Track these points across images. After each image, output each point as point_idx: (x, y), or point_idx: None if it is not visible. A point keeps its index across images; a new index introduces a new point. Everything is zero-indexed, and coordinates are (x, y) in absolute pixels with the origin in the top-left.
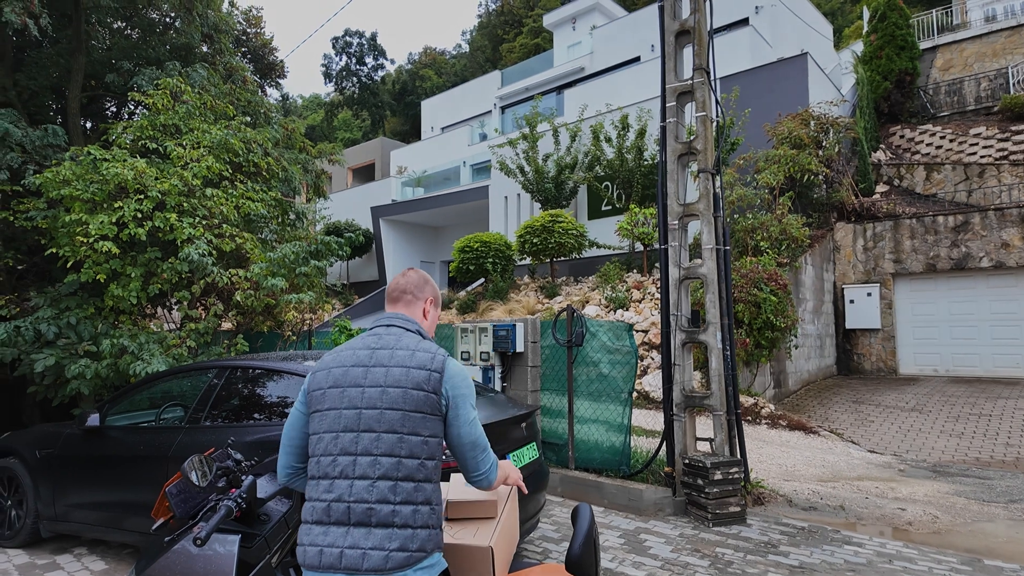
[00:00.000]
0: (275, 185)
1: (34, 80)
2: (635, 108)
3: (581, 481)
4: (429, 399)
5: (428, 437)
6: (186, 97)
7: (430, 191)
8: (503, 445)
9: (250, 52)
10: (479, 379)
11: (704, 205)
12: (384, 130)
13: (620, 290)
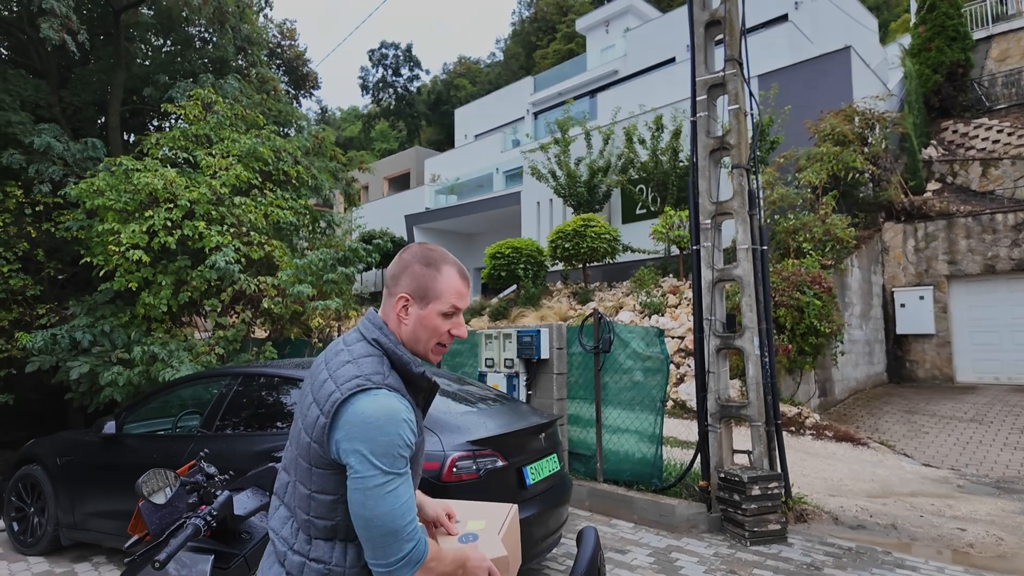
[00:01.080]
0: (305, 193)
1: (78, 96)
2: (669, 109)
3: (609, 495)
4: (312, 450)
5: (315, 493)
6: (217, 108)
7: (463, 198)
8: (520, 456)
9: (284, 64)
10: (503, 387)
11: (739, 203)
12: (420, 140)
13: (655, 295)
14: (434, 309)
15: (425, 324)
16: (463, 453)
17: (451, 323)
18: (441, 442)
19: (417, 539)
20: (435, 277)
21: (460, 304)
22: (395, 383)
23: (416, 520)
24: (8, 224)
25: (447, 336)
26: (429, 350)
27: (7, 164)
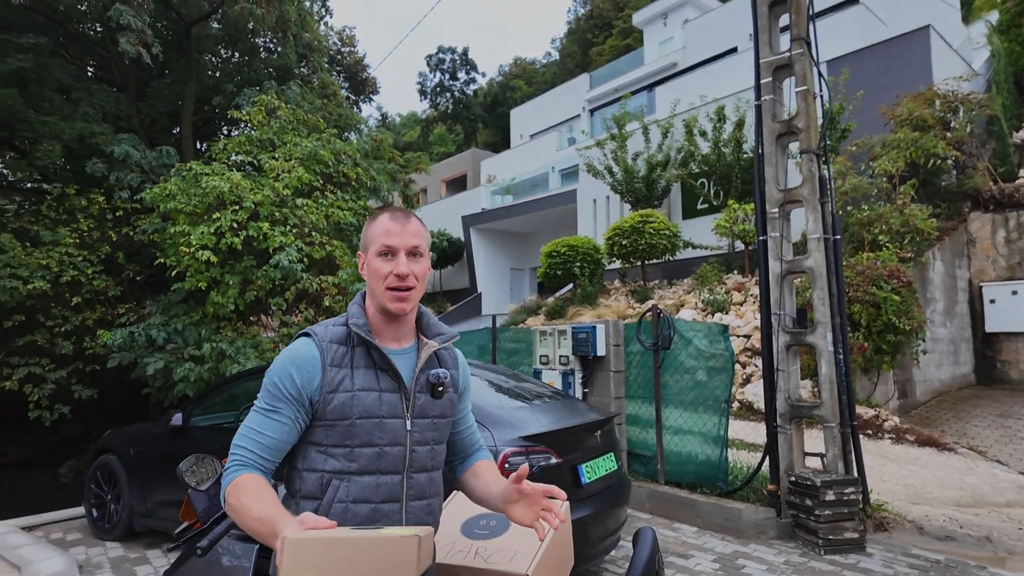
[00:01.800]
0: (364, 195)
1: (154, 108)
2: (732, 99)
3: (671, 497)
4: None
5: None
6: (280, 113)
7: (519, 198)
8: (576, 454)
9: (344, 70)
10: (559, 384)
11: (808, 190)
12: (476, 142)
13: (718, 292)
14: (372, 253)
15: (370, 271)
16: (515, 449)
17: (392, 264)
18: (493, 437)
19: (232, 463)
20: (370, 224)
21: (391, 241)
22: (329, 332)
23: (248, 451)
24: (92, 229)
25: (393, 279)
26: (384, 297)
27: (91, 172)
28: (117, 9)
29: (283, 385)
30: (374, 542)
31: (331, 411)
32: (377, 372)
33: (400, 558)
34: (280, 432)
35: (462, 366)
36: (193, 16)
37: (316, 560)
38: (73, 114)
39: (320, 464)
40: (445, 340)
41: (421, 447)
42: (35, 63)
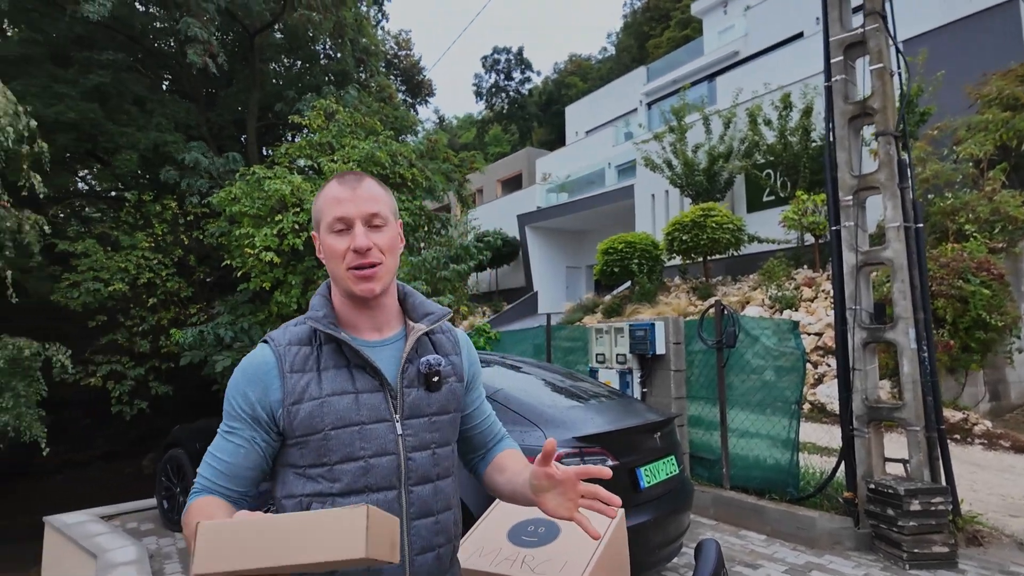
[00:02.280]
0: (419, 195)
1: (221, 116)
2: (799, 86)
3: (737, 503)
4: None
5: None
6: (339, 116)
7: (574, 195)
8: (633, 456)
9: (400, 73)
10: (615, 384)
11: (886, 175)
12: (531, 141)
13: (787, 288)
14: (324, 230)
15: (326, 252)
16: (569, 450)
17: (348, 238)
18: (545, 437)
19: (192, 492)
20: (318, 197)
21: (342, 211)
22: (288, 333)
23: (204, 479)
24: (166, 233)
25: (352, 256)
26: (346, 280)
27: (164, 179)
28: (185, 21)
29: (235, 402)
30: (306, 518)
31: (299, 425)
32: (352, 371)
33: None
34: (236, 455)
35: (466, 349)
36: (256, 26)
37: (234, 545)
38: (148, 125)
39: (298, 488)
40: (434, 320)
41: (418, 453)
42: (114, 78)
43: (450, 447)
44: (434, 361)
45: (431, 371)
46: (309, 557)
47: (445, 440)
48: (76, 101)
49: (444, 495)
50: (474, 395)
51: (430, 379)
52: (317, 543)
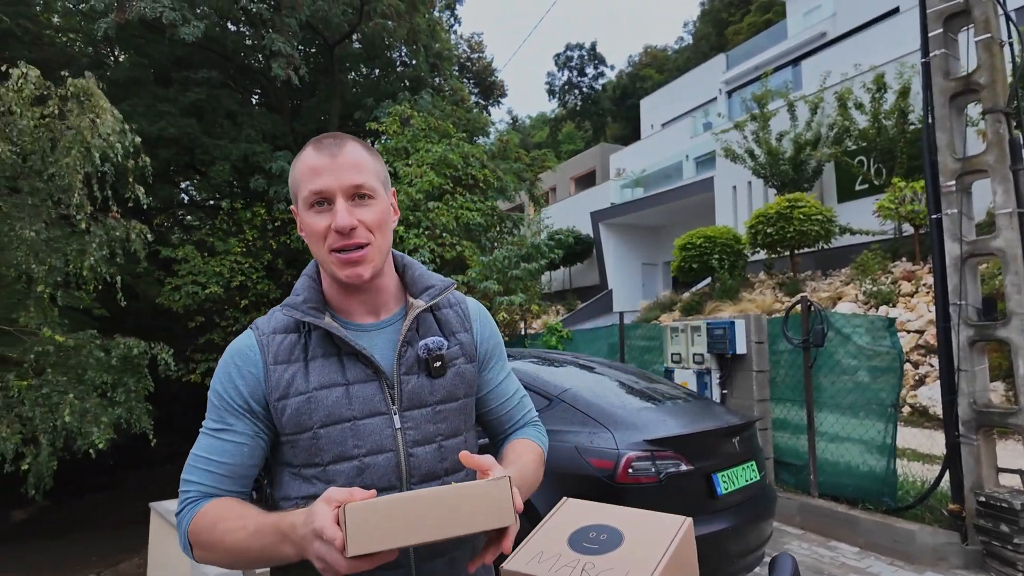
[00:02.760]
0: (491, 195)
1: (305, 126)
2: (893, 66)
3: (827, 512)
4: None
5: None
6: (413, 121)
7: (649, 190)
8: (710, 461)
9: (473, 76)
10: (693, 385)
11: (995, 156)
12: (605, 137)
13: (883, 283)
14: (302, 205)
15: (305, 229)
16: (640, 453)
17: (328, 216)
18: (615, 439)
19: (184, 503)
20: (294, 166)
21: (319, 183)
22: (272, 320)
23: (200, 485)
24: (256, 239)
25: (334, 237)
26: (330, 263)
27: (254, 188)
28: (270, 37)
29: (227, 394)
30: (454, 492)
31: (287, 423)
32: (342, 360)
33: (494, 503)
34: (236, 455)
35: (478, 324)
36: (335, 37)
37: (384, 524)
38: (239, 137)
39: (294, 490)
40: (435, 295)
41: (421, 448)
42: (208, 95)
43: (460, 438)
44: (433, 344)
45: (432, 355)
46: (461, 529)
47: (454, 431)
48: (176, 118)
49: None
50: (491, 374)
51: (431, 364)
52: (467, 516)
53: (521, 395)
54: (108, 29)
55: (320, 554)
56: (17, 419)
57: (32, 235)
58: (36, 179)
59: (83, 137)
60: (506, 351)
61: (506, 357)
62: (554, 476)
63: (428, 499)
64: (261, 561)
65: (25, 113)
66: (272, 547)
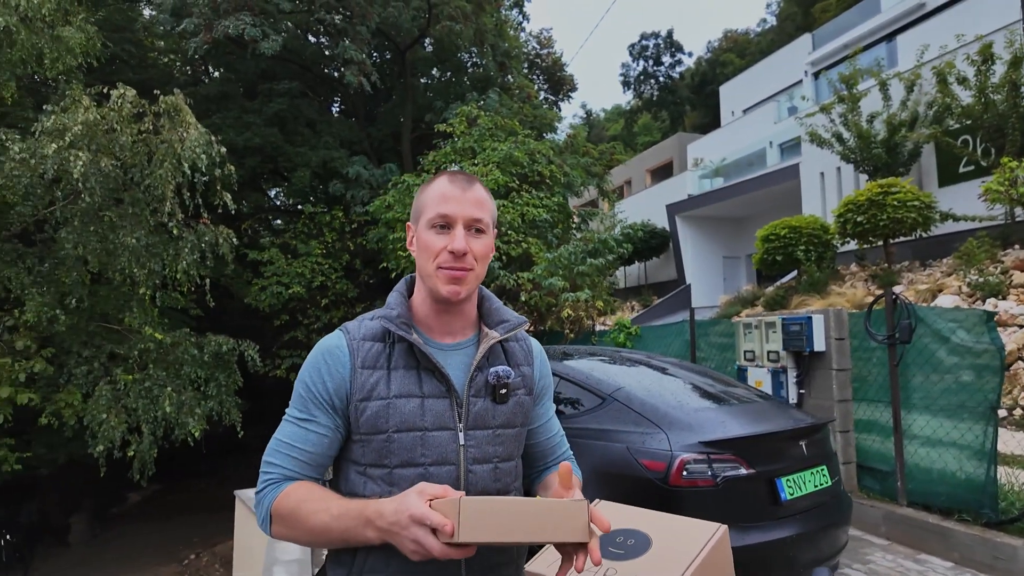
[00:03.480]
0: (558, 191)
1: (380, 131)
2: (1002, 34)
3: (915, 523)
4: None
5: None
6: (480, 121)
7: (729, 180)
8: (773, 464)
9: (543, 71)
10: (767, 384)
11: None
12: (683, 126)
13: (991, 273)
14: (424, 223)
15: (420, 245)
16: (695, 455)
17: (446, 238)
18: (669, 440)
19: (265, 483)
20: (425, 190)
21: (448, 209)
22: (363, 327)
23: (281, 468)
24: (335, 240)
25: (446, 256)
26: (434, 279)
27: (332, 192)
28: (342, 46)
29: (315, 389)
30: (546, 505)
31: (364, 423)
32: (420, 373)
33: (574, 520)
34: (319, 445)
35: (538, 361)
36: (406, 42)
37: (490, 521)
38: (318, 144)
39: (359, 488)
40: (509, 329)
41: (479, 466)
42: (289, 104)
43: (513, 463)
44: (503, 372)
45: (500, 382)
46: (546, 537)
47: (508, 455)
48: (260, 128)
49: None
50: (541, 410)
51: (498, 391)
52: (552, 526)
53: (562, 433)
54: (198, 48)
55: (416, 537)
56: (123, 410)
57: (133, 242)
58: (136, 190)
59: (174, 150)
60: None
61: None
62: (605, 477)
63: (525, 507)
64: (341, 542)
65: (125, 130)
66: (354, 530)
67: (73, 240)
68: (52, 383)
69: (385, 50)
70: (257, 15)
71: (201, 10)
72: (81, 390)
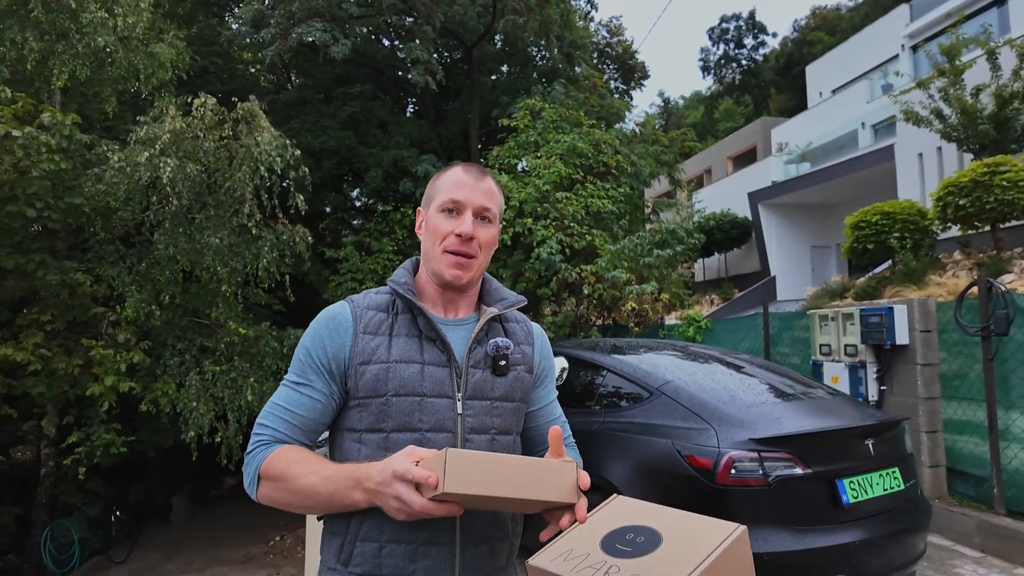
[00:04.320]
0: (624, 181)
1: (449, 129)
2: None
3: (1014, 534)
4: None
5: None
6: (544, 114)
7: (816, 165)
8: (834, 465)
9: (613, 60)
10: (844, 380)
11: None
12: (768, 110)
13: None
14: (435, 207)
15: (428, 228)
16: (745, 453)
17: (455, 222)
18: (717, 436)
19: (256, 444)
20: (439, 177)
21: (460, 195)
22: (368, 298)
23: (272, 430)
24: (405, 237)
25: (453, 240)
26: (440, 261)
27: (402, 190)
28: (408, 46)
29: (314, 354)
30: (533, 463)
31: (363, 386)
32: (422, 342)
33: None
34: (311, 409)
35: (539, 343)
36: (473, 39)
37: (477, 473)
38: (388, 144)
39: (353, 455)
40: (507, 305)
41: (477, 436)
42: (362, 107)
43: (511, 437)
44: (502, 343)
45: (499, 353)
46: (532, 495)
47: (506, 428)
48: (335, 131)
49: None
50: (542, 392)
51: (497, 362)
52: (539, 484)
53: (564, 419)
54: (273, 56)
55: (398, 493)
56: (211, 398)
57: (217, 241)
58: (219, 193)
59: (251, 153)
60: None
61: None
62: (649, 473)
63: (513, 462)
64: (329, 506)
65: (207, 136)
66: (343, 492)
67: (165, 241)
68: (150, 373)
69: (454, 49)
70: (328, 21)
71: (278, 20)
72: (175, 380)
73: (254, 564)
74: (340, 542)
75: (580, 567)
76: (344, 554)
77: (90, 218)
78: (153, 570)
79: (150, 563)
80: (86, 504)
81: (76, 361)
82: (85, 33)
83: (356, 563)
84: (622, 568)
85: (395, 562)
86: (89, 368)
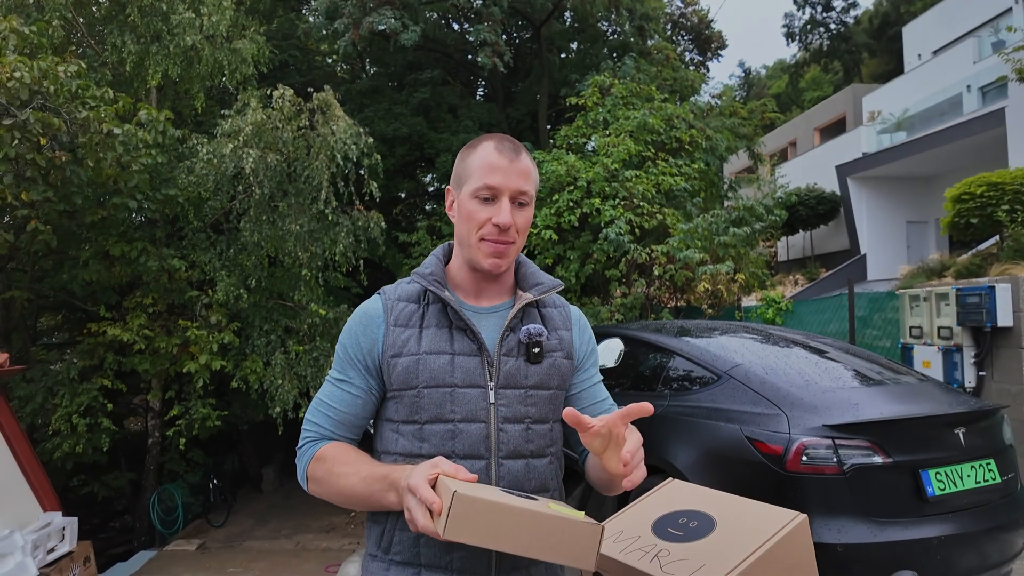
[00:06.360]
0: (698, 157)
1: (518, 110)
2: None
3: None
4: None
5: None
6: (614, 90)
7: (914, 133)
8: (918, 455)
9: (688, 31)
10: (936, 365)
11: None
12: (859, 76)
13: None
14: (468, 192)
15: (463, 213)
16: (817, 439)
17: (492, 209)
18: (788, 422)
19: (304, 441)
20: (469, 155)
21: (495, 180)
22: (399, 289)
23: (318, 427)
24: None
25: (491, 228)
26: (476, 250)
27: None
28: (475, 28)
29: (351, 350)
30: (551, 520)
31: (396, 379)
32: (452, 332)
33: (580, 545)
34: (351, 405)
35: (578, 327)
36: (541, 17)
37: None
38: (458, 128)
39: (392, 445)
40: (543, 290)
41: (511, 425)
42: (432, 92)
43: (547, 425)
44: (535, 330)
45: (531, 340)
46: (542, 556)
47: (542, 416)
48: (407, 118)
49: (539, 475)
50: (585, 375)
51: (530, 349)
52: (553, 546)
53: (610, 402)
54: (347, 46)
55: (409, 505)
56: (295, 376)
57: (297, 228)
58: (298, 181)
59: (327, 142)
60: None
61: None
62: (716, 460)
63: (528, 517)
64: (367, 505)
65: (286, 127)
66: (379, 494)
67: (250, 228)
68: (240, 352)
69: (522, 29)
70: (398, 8)
71: (350, 10)
72: (262, 359)
73: (337, 533)
74: (381, 530)
75: (629, 549)
76: (384, 542)
77: (184, 208)
78: (247, 535)
79: (243, 528)
80: (188, 472)
81: (175, 341)
82: (175, 34)
83: (396, 551)
84: (672, 552)
85: (432, 552)
86: (186, 347)
